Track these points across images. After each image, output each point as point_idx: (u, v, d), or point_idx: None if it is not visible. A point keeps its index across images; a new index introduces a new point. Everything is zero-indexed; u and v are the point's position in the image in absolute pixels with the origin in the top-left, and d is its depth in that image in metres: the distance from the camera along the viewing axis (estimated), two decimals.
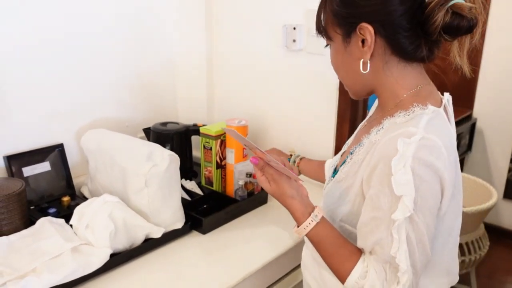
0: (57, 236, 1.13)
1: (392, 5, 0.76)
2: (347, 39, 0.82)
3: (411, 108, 0.79)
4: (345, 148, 1.02)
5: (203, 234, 1.31)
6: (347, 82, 0.90)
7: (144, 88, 1.69)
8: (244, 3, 1.55)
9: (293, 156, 1.40)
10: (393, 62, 0.81)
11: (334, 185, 0.91)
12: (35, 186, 1.39)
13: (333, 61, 0.89)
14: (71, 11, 1.41)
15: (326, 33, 0.87)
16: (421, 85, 0.83)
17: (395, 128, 0.77)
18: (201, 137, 1.48)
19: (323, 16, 0.86)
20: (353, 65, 0.83)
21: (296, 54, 1.44)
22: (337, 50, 0.86)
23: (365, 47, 0.80)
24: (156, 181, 1.22)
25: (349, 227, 0.87)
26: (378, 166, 0.75)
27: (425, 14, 0.75)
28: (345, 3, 0.80)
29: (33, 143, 1.40)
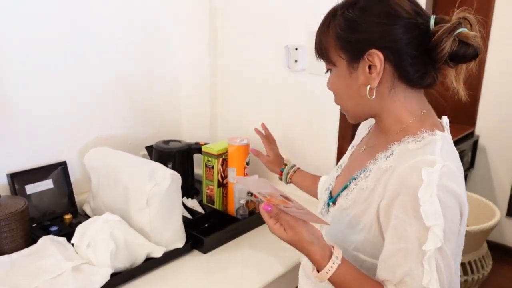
0: (58, 255, 1.14)
1: (400, 32, 0.77)
2: (353, 64, 0.81)
3: (419, 134, 0.80)
4: (339, 171, 1.00)
5: (204, 253, 1.31)
6: (348, 107, 0.88)
7: (148, 106, 1.70)
8: (247, 24, 1.58)
9: (287, 166, 1.33)
10: (400, 88, 0.82)
11: (339, 213, 0.89)
12: (37, 204, 1.39)
13: (335, 86, 0.87)
14: (74, 28, 1.43)
15: (328, 58, 0.85)
16: (424, 110, 0.84)
17: (409, 155, 0.77)
18: (203, 156, 1.49)
19: (324, 39, 0.84)
20: (358, 91, 0.83)
21: (298, 74, 1.46)
22: (340, 75, 0.84)
23: (372, 73, 0.79)
24: (157, 200, 1.22)
25: (363, 256, 0.84)
26: (399, 196, 0.74)
27: (432, 42, 0.77)
28: (352, 28, 0.79)
29: (36, 160, 1.41)
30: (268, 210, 0.84)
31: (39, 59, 1.37)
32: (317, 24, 1.38)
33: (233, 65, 1.66)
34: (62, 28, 1.40)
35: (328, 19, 0.84)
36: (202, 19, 1.66)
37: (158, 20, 1.67)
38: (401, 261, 0.75)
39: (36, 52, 1.36)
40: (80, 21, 1.44)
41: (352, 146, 1.04)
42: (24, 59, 1.34)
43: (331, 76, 0.88)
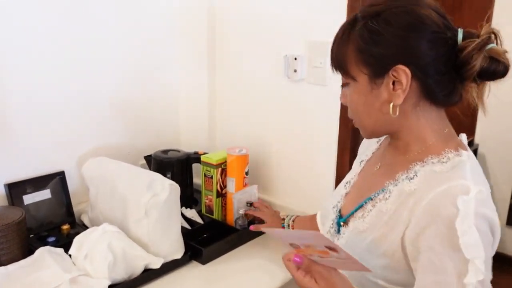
0: (56, 267, 1.13)
1: (429, 47, 0.72)
2: (376, 80, 0.75)
3: (443, 154, 0.76)
4: (347, 188, 0.94)
5: (203, 264, 1.30)
6: (366, 124, 0.82)
7: (146, 115, 1.70)
8: (246, 33, 1.58)
9: (286, 220, 1.33)
10: (424, 105, 0.77)
11: (355, 235, 0.83)
12: (35, 214, 1.38)
13: (353, 101, 0.81)
14: (73, 40, 1.43)
15: (347, 71, 0.78)
16: (447, 129, 0.80)
17: (437, 178, 0.73)
18: (202, 166, 1.48)
19: (343, 51, 0.78)
20: (379, 108, 0.77)
21: (297, 84, 1.45)
22: (360, 91, 0.78)
23: (397, 90, 0.74)
24: (156, 210, 1.21)
25: (383, 283, 0.79)
26: (432, 227, 0.70)
27: (461, 58, 0.72)
28: (377, 41, 0.73)
29: (34, 170, 1.40)
30: (297, 262, 0.80)
31: (37, 68, 1.37)
32: (316, 34, 1.40)
33: (232, 74, 1.66)
34: (61, 40, 1.40)
35: (347, 29, 0.78)
36: (201, 30, 1.66)
37: (156, 32, 1.67)
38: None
39: (34, 62, 1.36)
40: (79, 33, 1.44)
41: (361, 161, 0.97)
42: (22, 68, 1.34)
43: (348, 91, 0.82)
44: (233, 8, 1.60)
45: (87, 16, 1.45)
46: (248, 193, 1.47)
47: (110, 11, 1.51)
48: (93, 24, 1.47)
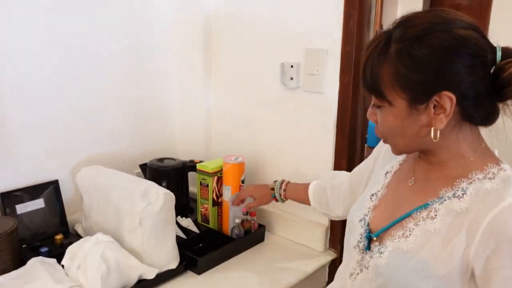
0: (48, 278, 1.11)
1: (473, 73, 0.70)
2: (416, 105, 0.73)
3: (487, 170, 0.75)
4: (374, 201, 0.89)
5: (198, 274, 1.28)
6: (399, 144, 0.80)
7: (142, 123, 1.69)
8: (242, 41, 1.57)
9: (275, 189, 1.32)
10: (463, 127, 0.76)
11: (399, 257, 0.78)
12: (28, 224, 1.36)
13: (387, 123, 0.77)
14: (68, 47, 1.42)
15: (383, 95, 0.74)
16: (483, 144, 0.79)
17: (491, 195, 0.71)
18: (198, 174, 1.47)
19: (379, 73, 0.73)
20: (417, 131, 0.75)
21: (293, 91, 1.45)
22: (397, 115, 0.75)
23: (439, 115, 0.72)
24: (150, 220, 1.20)
25: None
26: (503, 246, 0.68)
27: (502, 79, 0.71)
28: (420, 68, 0.70)
29: (27, 179, 1.38)
30: None
31: (31, 77, 1.35)
32: (313, 42, 1.39)
33: (228, 82, 1.65)
34: (55, 49, 1.39)
35: (383, 48, 0.73)
36: (197, 39, 1.66)
37: (152, 38, 1.66)
38: None
39: (27, 70, 1.34)
40: (74, 43, 1.43)
41: (386, 172, 0.92)
42: (16, 76, 1.32)
43: (381, 112, 0.78)
44: (229, 16, 1.60)
45: (83, 26, 1.45)
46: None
47: (106, 22, 1.50)
48: (89, 34, 1.47)
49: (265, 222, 1.54)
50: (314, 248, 1.45)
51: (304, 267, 1.35)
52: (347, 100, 1.34)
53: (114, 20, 1.53)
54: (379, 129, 0.80)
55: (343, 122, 1.36)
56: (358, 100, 1.36)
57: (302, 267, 1.34)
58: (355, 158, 1.42)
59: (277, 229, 1.55)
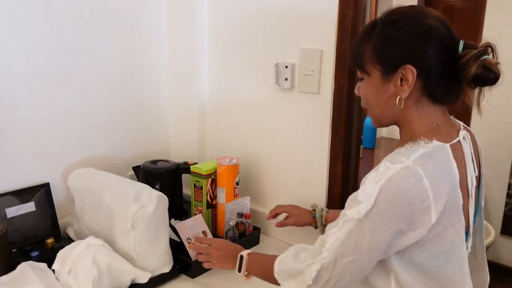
0: (38, 283, 1.08)
1: (434, 53, 0.85)
2: (387, 76, 0.88)
3: (418, 141, 0.86)
4: None
5: (192, 278, 1.26)
6: (375, 113, 0.95)
7: (136, 125, 1.67)
8: (236, 42, 1.56)
9: (317, 210, 1.32)
10: (423, 101, 0.89)
11: None
12: (19, 227, 1.34)
13: (365, 93, 0.94)
14: (59, 48, 1.40)
15: (363, 67, 0.91)
16: (438, 123, 0.89)
17: (391, 155, 0.84)
18: (192, 176, 1.45)
19: (362, 50, 0.90)
20: (387, 100, 0.90)
21: (287, 92, 1.43)
22: (373, 84, 0.91)
23: (404, 86, 0.86)
24: (143, 223, 1.18)
25: None
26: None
27: (459, 64, 0.84)
28: (391, 44, 0.86)
29: (18, 182, 1.36)
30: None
31: (21, 78, 1.33)
32: (307, 42, 1.38)
33: (222, 83, 1.64)
34: (46, 49, 1.37)
35: (368, 31, 0.90)
36: (191, 40, 1.64)
37: (146, 40, 1.65)
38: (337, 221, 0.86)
39: (18, 71, 1.32)
40: (65, 43, 1.41)
41: None
42: (5, 77, 1.30)
43: (362, 83, 0.94)
44: (223, 16, 1.58)
45: (75, 26, 1.43)
46: (240, 204, 1.44)
47: (99, 22, 1.48)
48: (81, 34, 1.45)
49: (260, 224, 1.53)
50: None
51: None
52: (342, 100, 1.33)
53: (107, 22, 1.51)
54: (362, 100, 0.96)
55: (338, 123, 1.35)
56: (353, 100, 1.35)
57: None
58: (350, 160, 1.40)
59: (272, 232, 1.53)
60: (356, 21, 1.28)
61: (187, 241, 1.29)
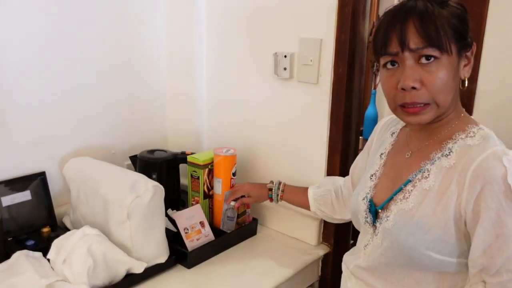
0: (32, 272, 1.08)
1: None
2: (462, 54, 0.84)
3: (468, 130, 0.85)
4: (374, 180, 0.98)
5: (188, 268, 1.26)
6: (447, 100, 0.84)
7: (133, 114, 1.65)
8: (235, 31, 1.54)
9: (273, 189, 1.34)
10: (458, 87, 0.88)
11: (402, 216, 0.86)
12: (15, 216, 1.33)
13: (444, 77, 0.81)
14: (56, 36, 1.38)
15: (443, 46, 0.80)
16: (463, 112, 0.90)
17: (474, 149, 0.81)
18: (188, 166, 1.44)
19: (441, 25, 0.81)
20: (457, 81, 0.86)
21: (286, 82, 1.41)
22: (451, 64, 0.82)
23: (466, 66, 0.85)
24: (139, 213, 1.17)
25: (435, 255, 0.83)
26: (486, 188, 0.77)
27: None
28: (463, 20, 0.83)
29: (13, 171, 1.35)
30: None
31: (17, 65, 1.32)
32: (307, 31, 1.36)
33: (221, 73, 1.62)
34: (43, 38, 1.35)
35: (434, 7, 0.81)
36: (189, 27, 1.62)
37: (143, 29, 1.62)
38: (502, 246, 0.77)
39: (13, 59, 1.31)
40: (61, 32, 1.39)
41: (381, 154, 1.01)
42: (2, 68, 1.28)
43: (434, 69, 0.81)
44: (222, 5, 1.56)
45: (71, 14, 1.40)
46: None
47: (96, 11, 1.46)
48: (78, 23, 1.43)
49: (258, 215, 1.52)
50: (307, 242, 1.43)
51: (297, 261, 1.32)
52: (341, 91, 1.31)
53: (105, 11, 1.49)
54: (427, 89, 0.81)
55: (337, 114, 1.33)
56: (353, 91, 1.33)
57: (295, 261, 1.32)
58: (349, 151, 1.39)
59: (270, 223, 1.52)
60: (357, 10, 1.26)
61: (184, 231, 1.28)
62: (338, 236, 1.42)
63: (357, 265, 0.99)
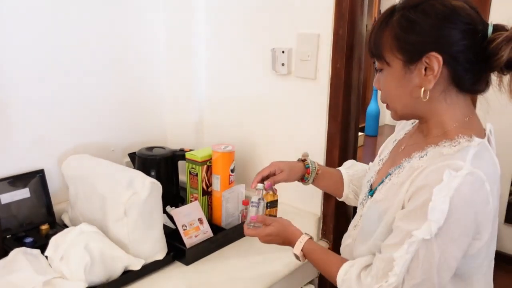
0: (30, 269, 1.08)
1: (460, 38, 0.77)
2: (409, 65, 0.81)
3: (456, 139, 0.80)
4: (380, 165, 1.01)
5: (187, 265, 1.26)
6: (397, 107, 0.88)
7: (132, 111, 1.65)
8: (233, 27, 1.53)
9: (310, 163, 1.17)
10: (451, 92, 0.82)
11: (373, 205, 0.91)
12: (14, 214, 1.33)
13: (386, 85, 0.86)
14: (55, 36, 1.38)
15: (382, 57, 0.83)
16: (468, 117, 0.84)
17: (441, 158, 0.78)
18: (187, 163, 1.44)
19: (380, 38, 0.83)
20: (410, 92, 0.83)
21: (284, 78, 1.40)
22: (393, 75, 0.84)
23: (428, 76, 0.79)
24: (136, 210, 1.17)
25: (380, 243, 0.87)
26: (420, 192, 0.77)
27: (490, 49, 0.77)
28: (413, 29, 0.79)
29: (12, 168, 1.35)
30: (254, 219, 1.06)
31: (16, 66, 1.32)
32: (305, 26, 1.35)
33: (219, 69, 1.61)
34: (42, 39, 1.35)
35: (386, 18, 0.83)
36: (188, 23, 1.61)
37: (142, 25, 1.62)
38: (394, 235, 0.80)
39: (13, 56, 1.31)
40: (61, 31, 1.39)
41: (395, 140, 1.03)
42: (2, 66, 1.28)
43: (382, 76, 0.87)
44: (219, 2, 1.55)
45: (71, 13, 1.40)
46: (235, 192, 1.42)
47: (93, 10, 1.46)
48: (77, 20, 1.43)
49: None
50: None
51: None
52: (339, 86, 1.30)
53: (102, 8, 1.48)
54: (381, 93, 0.89)
55: (335, 109, 1.32)
56: (351, 86, 1.32)
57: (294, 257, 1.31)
58: (348, 147, 1.38)
59: None
60: (354, 5, 1.25)
61: (182, 228, 1.28)
62: (338, 232, 1.41)
63: (347, 244, 1.03)
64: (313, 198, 1.42)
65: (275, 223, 1.05)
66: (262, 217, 1.07)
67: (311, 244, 1.01)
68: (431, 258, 0.76)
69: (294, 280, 1.31)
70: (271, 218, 1.07)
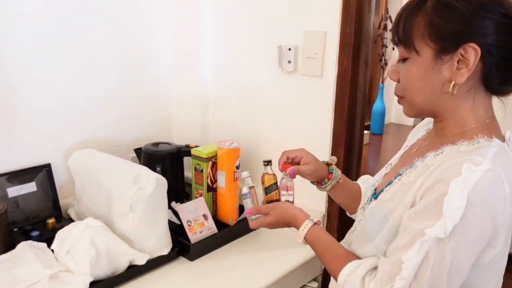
0: (36, 262, 1.09)
1: (504, 32, 0.71)
2: (442, 56, 0.74)
3: (475, 139, 0.74)
4: (387, 169, 0.96)
5: (191, 260, 1.26)
6: (416, 100, 0.80)
7: (138, 107, 1.66)
8: (239, 24, 1.53)
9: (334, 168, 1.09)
10: (479, 90, 0.76)
11: (377, 205, 0.85)
12: (20, 207, 1.35)
13: (409, 76, 0.79)
14: (62, 33, 1.39)
15: (412, 45, 0.76)
16: (490, 119, 0.79)
17: (459, 155, 0.73)
18: (192, 159, 1.44)
19: (411, 23, 0.75)
20: (436, 84, 0.76)
21: (291, 75, 1.40)
22: (420, 66, 0.76)
23: (461, 69, 0.73)
24: (141, 205, 1.17)
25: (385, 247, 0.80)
26: (435, 186, 0.70)
27: None
28: (453, 16, 0.72)
29: (19, 162, 1.36)
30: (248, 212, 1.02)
31: (24, 62, 1.33)
32: (311, 24, 1.35)
33: (225, 66, 1.61)
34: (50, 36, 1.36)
35: (419, 2, 0.75)
36: (194, 20, 1.61)
37: (149, 21, 1.62)
38: (403, 236, 0.73)
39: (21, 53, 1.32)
40: (68, 28, 1.40)
41: (406, 146, 0.98)
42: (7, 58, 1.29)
43: (404, 66, 0.79)
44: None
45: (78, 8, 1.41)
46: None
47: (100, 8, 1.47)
48: (85, 16, 1.43)
49: None
50: None
51: (300, 254, 1.32)
52: (345, 84, 1.30)
53: (109, 6, 1.49)
54: (401, 84, 0.81)
55: (341, 107, 1.32)
56: (357, 84, 1.32)
57: (298, 254, 1.32)
58: (353, 145, 1.38)
59: None
60: (361, 3, 1.25)
61: (187, 223, 1.28)
62: (342, 230, 1.41)
63: None
64: (318, 195, 1.42)
65: (272, 210, 0.98)
66: (256, 209, 1.01)
67: (315, 230, 0.92)
68: (443, 261, 0.69)
69: (297, 277, 1.32)
70: (266, 207, 1.00)
